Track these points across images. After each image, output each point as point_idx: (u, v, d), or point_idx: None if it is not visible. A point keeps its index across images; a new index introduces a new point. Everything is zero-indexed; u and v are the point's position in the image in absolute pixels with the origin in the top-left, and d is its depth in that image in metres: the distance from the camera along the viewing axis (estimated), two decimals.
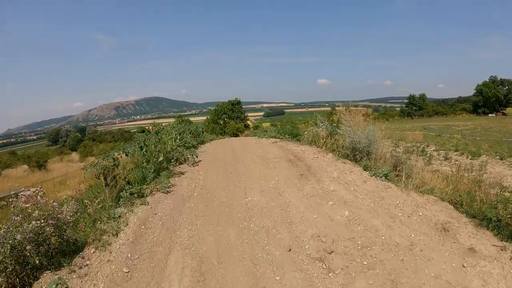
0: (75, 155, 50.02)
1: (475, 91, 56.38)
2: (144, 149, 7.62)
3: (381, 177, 6.65)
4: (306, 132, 11.51)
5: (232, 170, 7.80)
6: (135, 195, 5.66)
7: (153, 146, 7.54)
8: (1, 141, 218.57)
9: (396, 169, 8.39)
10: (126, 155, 7.17)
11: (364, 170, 7.24)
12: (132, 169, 6.98)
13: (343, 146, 8.81)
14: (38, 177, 28.75)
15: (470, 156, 19.73)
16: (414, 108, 58.37)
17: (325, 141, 9.53)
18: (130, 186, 5.87)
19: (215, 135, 37.55)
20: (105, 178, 6.13)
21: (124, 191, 5.71)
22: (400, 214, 5.32)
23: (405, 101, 63.07)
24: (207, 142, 15.06)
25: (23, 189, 18.49)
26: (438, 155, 20.13)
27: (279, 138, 13.49)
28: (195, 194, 6.17)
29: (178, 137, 10.51)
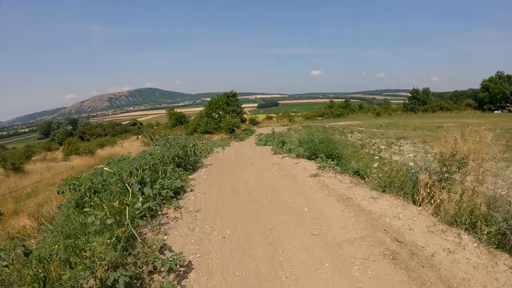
0: (60, 152, 44.89)
1: (480, 86, 52.63)
2: None
3: None
4: (376, 165, 7.00)
5: None
6: None
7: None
8: None
9: None
10: None
11: None
12: None
13: (479, 213, 4.42)
14: (11, 183, 24.16)
15: None
16: (418, 102, 54.61)
17: (430, 193, 5.07)
18: None
19: (209, 134, 33.18)
20: None
21: None
22: None
23: (408, 95, 59.12)
24: (200, 166, 10.75)
25: None
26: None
27: (308, 157, 9.50)
28: None
29: (144, 191, 5.84)
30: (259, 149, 14.37)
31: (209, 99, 45.74)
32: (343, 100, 71.00)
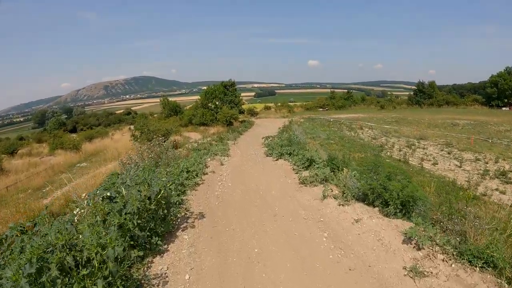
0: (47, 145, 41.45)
1: (488, 81, 49.69)
2: None
3: None
4: None
5: None
6: None
7: None
8: None
9: None
10: None
11: None
12: None
13: None
14: None
15: None
16: (423, 96, 51.62)
17: None
18: None
19: (204, 127, 29.92)
20: None
21: None
22: None
23: (413, 87, 56.08)
24: (181, 223, 5.99)
25: None
26: None
27: (366, 200, 6.02)
28: None
29: None
30: (273, 168, 10.75)
31: (205, 87, 42.12)
32: (345, 91, 67.82)
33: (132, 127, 38.94)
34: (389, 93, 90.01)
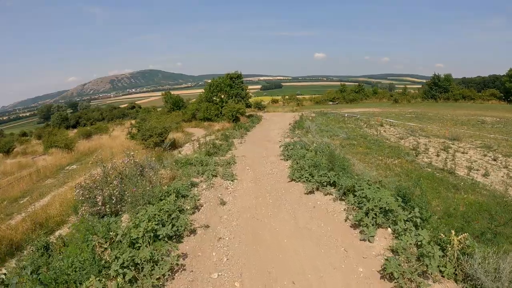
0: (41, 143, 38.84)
1: (506, 75, 45.88)
2: None
3: None
4: None
5: None
6: None
7: None
8: None
9: None
10: None
11: None
12: None
13: None
14: None
15: None
16: (439, 90, 47.91)
17: None
18: None
19: (209, 122, 27.20)
20: None
21: None
22: None
23: (427, 81, 52.47)
24: None
25: None
26: None
27: None
28: None
29: None
30: (312, 216, 6.33)
31: (211, 80, 38.96)
32: (354, 84, 64.56)
33: (134, 121, 36.35)
34: (397, 86, 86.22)
